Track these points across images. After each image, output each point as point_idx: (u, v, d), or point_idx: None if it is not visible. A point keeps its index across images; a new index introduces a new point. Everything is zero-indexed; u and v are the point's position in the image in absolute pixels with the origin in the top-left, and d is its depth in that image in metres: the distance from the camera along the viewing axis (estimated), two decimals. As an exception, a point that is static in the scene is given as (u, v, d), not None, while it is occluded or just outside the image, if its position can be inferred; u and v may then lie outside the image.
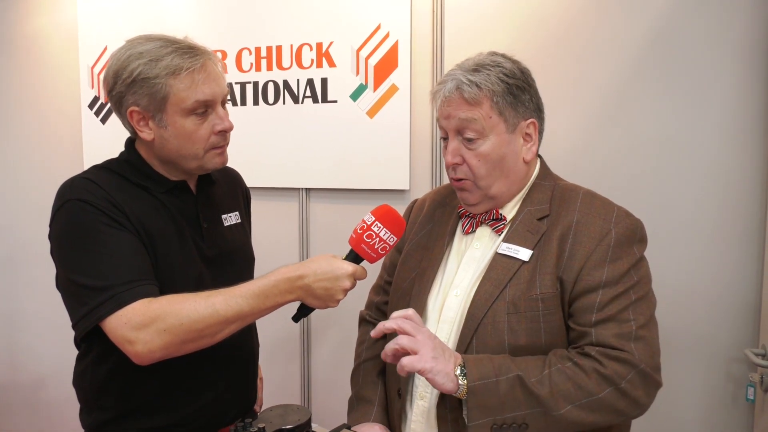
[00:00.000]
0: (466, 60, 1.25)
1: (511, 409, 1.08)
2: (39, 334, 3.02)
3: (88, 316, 1.16)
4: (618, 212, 1.21)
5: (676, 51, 1.82)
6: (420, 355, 1.08)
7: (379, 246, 1.19)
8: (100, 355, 1.31)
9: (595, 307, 1.13)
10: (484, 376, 1.09)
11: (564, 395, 1.08)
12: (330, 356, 2.44)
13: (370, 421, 1.32)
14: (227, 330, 1.17)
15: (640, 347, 1.11)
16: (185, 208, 1.36)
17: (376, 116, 2.21)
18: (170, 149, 1.29)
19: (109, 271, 1.16)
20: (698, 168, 1.82)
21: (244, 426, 1.18)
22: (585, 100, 1.94)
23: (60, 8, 2.80)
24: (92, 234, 1.19)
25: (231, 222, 1.47)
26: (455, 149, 1.23)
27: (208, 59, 1.27)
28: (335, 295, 1.17)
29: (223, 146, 1.33)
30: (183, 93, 1.23)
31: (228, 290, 1.16)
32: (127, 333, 1.12)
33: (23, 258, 3.03)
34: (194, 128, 1.27)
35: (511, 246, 1.21)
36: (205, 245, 1.37)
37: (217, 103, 1.29)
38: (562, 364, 1.11)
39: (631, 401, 1.11)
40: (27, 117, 2.95)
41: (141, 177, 1.31)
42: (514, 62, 1.25)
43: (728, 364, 1.83)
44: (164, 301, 1.15)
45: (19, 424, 3.13)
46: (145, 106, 1.25)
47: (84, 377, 1.37)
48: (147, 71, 1.22)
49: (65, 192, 1.24)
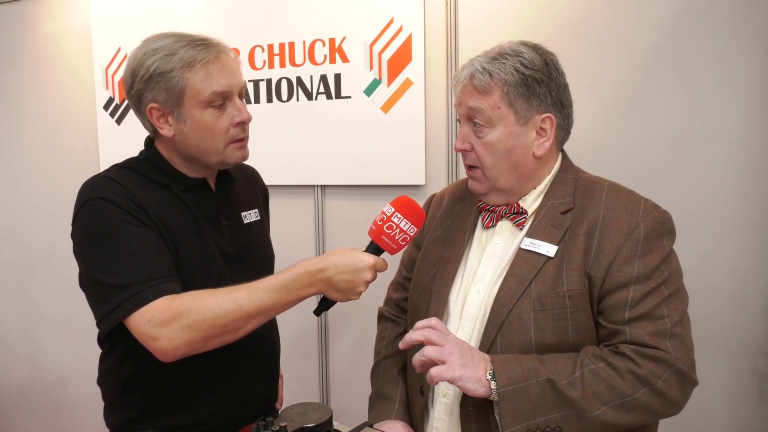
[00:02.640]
0: (494, 47, 1.23)
1: (543, 413, 1.06)
2: (58, 335, 3.05)
3: (111, 314, 1.16)
4: (645, 205, 1.18)
5: (693, 43, 1.79)
6: (448, 364, 1.06)
7: (400, 237, 1.18)
8: (124, 354, 1.32)
9: (628, 304, 1.10)
10: (513, 381, 1.07)
11: (598, 396, 1.06)
12: (348, 354, 2.43)
13: (392, 418, 1.31)
14: (250, 325, 1.17)
15: (676, 345, 1.08)
16: (205, 206, 1.36)
17: (391, 111, 2.19)
18: (191, 144, 1.29)
19: (132, 269, 1.17)
20: (718, 160, 1.79)
21: (265, 425, 1.17)
22: (601, 92, 1.91)
23: (73, 11, 2.81)
24: (114, 232, 1.19)
25: (251, 219, 1.48)
26: (464, 135, 1.23)
27: (222, 51, 1.28)
28: (357, 288, 1.16)
29: (243, 139, 1.33)
30: (199, 85, 1.24)
31: (250, 285, 1.17)
32: (151, 330, 1.13)
33: (40, 260, 3.05)
34: (213, 120, 1.27)
35: (535, 241, 1.19)
36: (224, 243, 1.37)
37: (234, 95, 1.29)
38: (595, 364, 1.08)
39: (667, 401, 1.08)
40: (42, 120, 2.97)
41: (161, 175, 1.32)
42: (541, 53, 1.21)
43: (754, 359, 1.80)
44: (187, 298, 1.15)
45: (41, 423, 3.16)
46: (163, 101, 1.25)
47: (108, 376, 1.38)
48: (163, 66, 1.23)
49: (87, 191, 1.25)
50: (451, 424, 1.21)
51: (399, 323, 1.48)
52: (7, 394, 3.23)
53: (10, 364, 3.21)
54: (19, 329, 3.18)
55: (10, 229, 3.13)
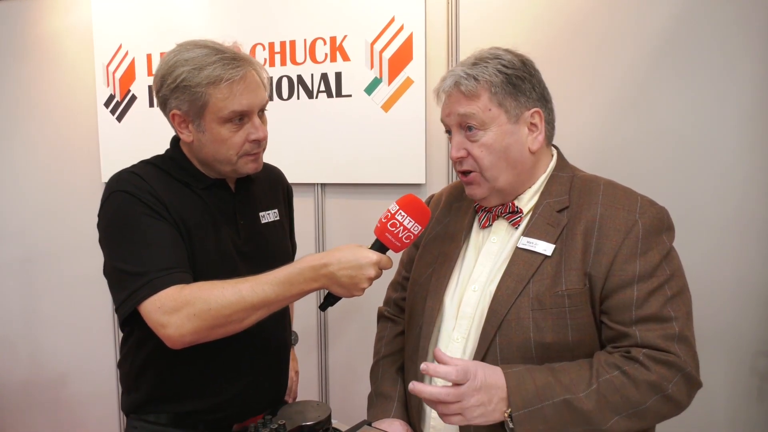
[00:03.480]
0: (468, 57, 1.25)
1: (558, 431, 1.06)
2: (59, 333, 3.05)
3: (127, 300, 1.22)
4: (642, 202, 1.18)
5: (694, 43, 1.79)
6: (463, 416, 1.05)
7: (404, 235, 1.19)
8: (140, 340, 1.37)
9: (634, 304, 1.10)
10: (528, 403, 1.06)
11: (612, 407, 1.06)
12: (347, 353, 2.44)
13: (390, 416, 1.31)
14: (254, 316, 1.20)
15: (684, 349, 1.09)
16: (223, 204, 1.41)
17: (391, 110, 2.19)
18: (207, 152, 1.35)
19: (148, 259, 1.23)
20: (719, 159, 1.79)
21: (264, 423, 1.17)
22: (601, 92, 1.91)
23: (75, 8, 2.81)
24: (134, 224, 1.26)
25: (269, 219, 1.52)
26: (459, 143, 1.22)
27: (250, 70, 1.32)
28: (360, 284, 1.18)
29: (257, 153, 1.38)
30: (221, 103, 1.28)
31: (255, 278, 1.20)
32: (160, 317, 1.18)
33: (41, 259, 3.06)
34: (229, 135, 1.32)
35: (531, 240, 1.19)
36: (240, 241, 1.41)
37: (254, 114, 1.34)
38: (609, 373, 1.07)
39: (675, 404, 1.09)
40: (43, 117, 2.97)
41: (183, 173, 1.38)
42: (515, 54, 1.23)
43: (753, 358, 1.80)
44: (195, 287, 1.20)
45: (42, 421, 3.17)
46: (185, 111, 1.31)
47: (126, 360, 1.43)
48: (190, 79, 1.27)
49: (113, 184, 1.32)
50: (447, 424, 1.21)
51: (398, 323, 1.48)
52: (9, 392, 3.24)
53: (11, 361, 3.22)
54: (20, 327, 3.18)
55: (10, 226, 3.13)
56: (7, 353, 3.22)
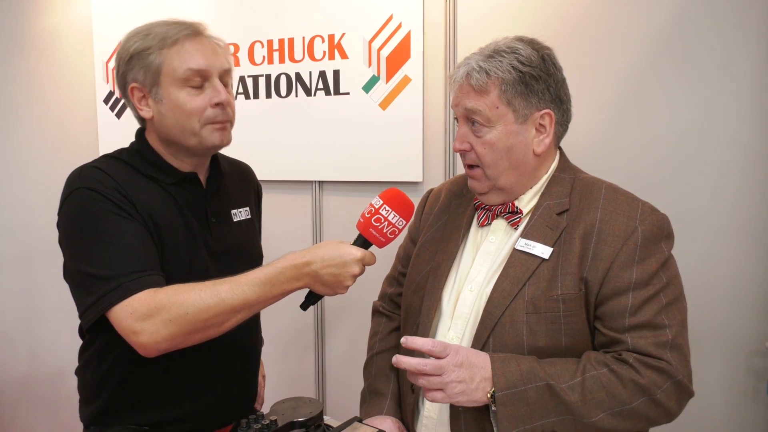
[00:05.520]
0: (489, 44, 1.21)
1: (540, 417, 1.06)
2: (58, 328, 3.06)
3: (94, 305, 1.14)
4: (643, 208, 1.16)
5: (694, 42, 1.78)
6: (445, 393, 1.05)
7: (388, 230, 1.17)
8: (104, 347, 1.29)
9: (628, 311, 1.09)
10: (511, 385, 1.06)
11: (597, 403, 1.06)
12: (344, 348, 2.44)
13: (383, 414, 1.31)
14: (234, 319, 1.14)
15: (676, 356, 1.08)
16: (194, 201, 1.33)
17: (389, 108, 2.19)
18: (168, 125, 1.27)
19: (116, 261, 1.14)
20: (718, 159, 1.78)
21: (256, 418, 1.18)
22: (600, 91, 1.90)
23: (74, 4, 2.82)
24: (100, 223, 1.17)
25: (240, 218, 1.45)
26: (463, 135, 1.21)
27: (200, 32, 1.28)
28: (344, 282, 1.14)
29: (222, 121, 1.29)
30: (175, 62, 1.24)
31: (234, 279, 1.14)
32: (133, 324, 1.10)
33: (41, 254, 3.07)
34: (188, 99, 1.25)
35: (529, 242, 1.17)
36: (212, 240, 1.34)
37: (213, 76, 1.27)
38: (597, 370, 1.07)
39: (664, 411, 1.08)
40: (42, 113, 2.98)
41: (150, 167, 1.30)
42: (538, 48, 1.19)
43: (749, 358, 1.80)
44: (170, 291, 1.12)
45: (41, 416, 3.18)
46: (141, 80, 1.26)
47: (87, 368, 1.35)
48: (141, 45, 1.25)
49: (74, 180, 1.23)
50: (440, 422, 1.21)
51: (393, 318, 1.48)
52: (8, 387, 3.25)
53: (11, 356, 3.23)
54: (20, 322, 3.20)
55: (10, 221, 3.14)
56: (6, 348, 3.23)
